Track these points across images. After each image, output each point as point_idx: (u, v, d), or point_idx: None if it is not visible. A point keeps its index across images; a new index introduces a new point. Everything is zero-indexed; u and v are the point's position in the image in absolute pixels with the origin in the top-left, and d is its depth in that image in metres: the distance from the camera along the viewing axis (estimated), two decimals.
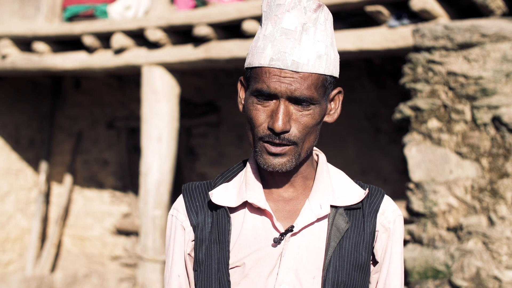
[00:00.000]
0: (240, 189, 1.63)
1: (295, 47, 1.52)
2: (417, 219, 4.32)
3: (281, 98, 1.52)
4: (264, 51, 1.54)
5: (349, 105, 6.91)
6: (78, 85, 8.71)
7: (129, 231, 8.15)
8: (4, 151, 8.38)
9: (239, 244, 1.60)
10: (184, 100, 7.35)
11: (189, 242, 1.65)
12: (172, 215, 1.69)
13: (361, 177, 6.74)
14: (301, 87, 1.52)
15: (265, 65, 1.53)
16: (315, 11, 1.56)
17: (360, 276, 1.61)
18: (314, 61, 1.53)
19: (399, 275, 1.67)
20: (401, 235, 1.68)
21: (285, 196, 1.63)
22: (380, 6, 5.05)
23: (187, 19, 6.01)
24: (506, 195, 4.04)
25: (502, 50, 4.14)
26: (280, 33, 1.54)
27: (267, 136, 1.54)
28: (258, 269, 1.58)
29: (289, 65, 1.51)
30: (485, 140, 4.13)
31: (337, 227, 1.60)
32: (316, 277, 1.59)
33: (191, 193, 1.67)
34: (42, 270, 8.41)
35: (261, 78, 1.53)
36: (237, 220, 1.62)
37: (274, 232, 1.60)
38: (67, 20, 6.98)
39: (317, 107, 1.55)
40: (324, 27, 1.57)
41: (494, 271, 4.00)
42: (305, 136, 1.55)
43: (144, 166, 6.43)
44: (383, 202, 1.67)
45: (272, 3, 1.58)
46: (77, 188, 8.73)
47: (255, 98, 1.55)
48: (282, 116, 1.52)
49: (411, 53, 4.47)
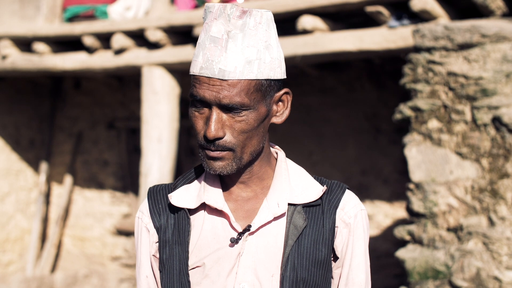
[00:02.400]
0: (199, 190, 1.66)
1: (221, 55, 1.54)
2: (417, 219, 4.32)
3: (213, 106, 1.55)
4: (197, 59, 1.57)
5: (349, 105, 6.91)
6: (78, 85, 8.71)
7: (129, 231, 8.15)
8: (4, 151, 8.38)
9: (199, 244, 1.62)
10: (184, 100, 7.35)
11: (153, 243, 1.69)
12: (138, 217, 1.73)
13: (361, 177, 6.74)
14: (230, 94, 1.53)
15: (196, 73, 1.56)
16: (240, 18, 1.55)
17: (321, 272, 1.62)
18: (243, 67, 1.54)
19: (363, 270, 1.68)
20: (364, 230, 1.68)
21: (244, 196, 1.66)
22: (380, 6, 5.05)
23: (187, 19, 6.01)
24: (506, 195, 4.04)
25: (502, 51, 4.14)
26: (210, 41, 1.56)
27: (204, 143, 1.58)
28: (218, 269, 1.61)
29: (216, 74, 1.53)
30: (485, 140, 4.13)
31: (295, 225, 1.62)
32: (275, 275, 1.61)
33: (155, 196, 1.70)
34: (42, 271, 8.41)
35: (195, 85, 1.57)
36: (197, 221, 1.65)
37: (232, 232, 1.62)
38: (67, 21, 6.98)
39: (251, 112, 1.56)
40: (254, 32, 1.56)
41: (494, 272, 4.00)
42: (243, 141, 1.57)
43: (144, 166, 6.43)
44: (343, 198, 1.67)
45: (206, 10, 1.60)
46: (77, 189, 8.73)
47: (193, 106, 1.59)
48: (213, 124, 1.54)
49: (411, 53, 4.47)
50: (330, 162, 6.90)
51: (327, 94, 7.06)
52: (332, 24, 5.56)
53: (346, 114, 6.94)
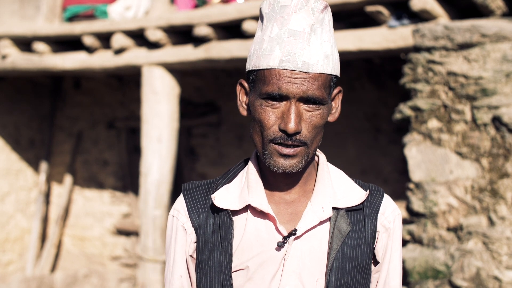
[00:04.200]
0: (242, 191, 1.63)
1: (304, 48, 1.52)
2: (417, 219, 4.32)
3: (292, 99, 1.52)
4: (272, 53, 1.53)
5: (349, 105, 6.91)
6: (78, 85, 8.71)
7: (129, 231, 8.15)
8: (4, 151, 8.38)
9: (242, 247, 1.59)
10: (184, 100, 7.35)
11: (191, 243, 1.65)
12: (173, 215, 1.68)
13: (361, 177, 6.74)
14: (312, 87, 1.52)
15: (275, 66, 1.52)
16: (322, 12, 1.56)
17: (362, 277, 1.62)
18: (323, 61, 1.53)
19: (398, 273, 1.69)
20: (400, 234, 1.69)
21: (287, 199, 1.63)
22: (380, 6, 5.05)
23: (187, 19, 6.01)
24: (506, 195, 4.04)
25: (502, 50, 4.14)
26: (288, 34, 1.53)
27: (278, 137, 1.53)
28: (262, 272, 1.58)
29: (299, 66, 1.51)
30: (485, 140, 4.13)
31: (339, 229, 1.60)
32: (319, 279, 1.59)
33: (192, 194, 1.66)
34: (42, 270, 8.41)
35: (271, 80, 1.52)
36: (240, 223, 1.61)
37: (277, 235, 1.59)
38: (67, 20, 6.98)
39: (325, 107, 1.56)
40: (329, 28, 1.58)
41: (494, 271, 4.00)
42: (314, 136, 1.56)
43: (144, 166, 6.43)
44: (383, 202, 1.67)
45: (275, 5, 1.57)
46: (77, 188, 8.73)
47: (263, 100, 1.54)
48: (294, 117, 1.51)
49: (411, 53, 4.47)
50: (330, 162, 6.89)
51: None
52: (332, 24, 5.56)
53: (346, 114, 6.94)
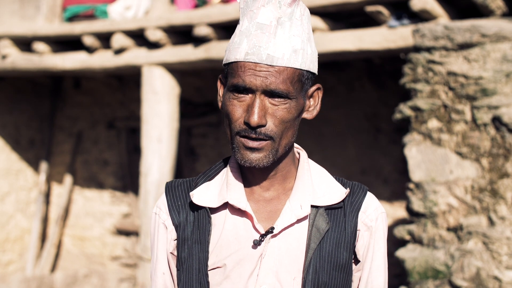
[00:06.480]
0: (221, 188, 1.63)
1: (270, 41, 1.52)
2: (417, 219, 4.32)
3: (257, 92, 1.53)
4: (240, 46, 1.54)
5: (349, 105, 6.91)
6: (78, 85, 8.71)
7: (129, 231, 8.15)
8: (4, 151, 8.38)
9: (220, 244, 1.60)
10: (184, 100, 7.35)
11: (171, 241, 1.66)
12: (155, 213, 1.69)
13: (361, 177, 6.74)
14: (277, 81, 1.52)
15: (241, 59, 1.53)
16: (290, 6, 1.56)
17: (342, 276, 1.61)
18: (290, 55, 1.53)
19: (382, 273, 1.67)
20: (384, 233, 1.67)
21: (266, 196, 1.63)
22: (380, 6, 5.05)
23: (187, 19, 6.01)
24: (506, 195, 4.04)
25: (502, 50, 4.15)
26: (256, 28, 1.54)
27: (243, 130, 1.54)
28: (239, 270, 1.58)
29: (264, 59, 1.52)
30: (485, 140, 4.13)
31: (317, 228, 1.59)
32: (296, 278, 1.59)
33: (174, 192, 1.68)
34: (42, 270, 8.41)
35: (237, 72, 1.54)
36: (219, 221, 1.62)
37: (254, 233, 1.60)
38: (67, 20, 6.98)
39: (293, 101, 1.55)
40: (300, 22, 1.57)
41: (494, 271, 4.00)
42: (282, 131, 1.55)
43: (144, 166, 6.44)
44: (365, 200, 1.66)
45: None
46: (77, 188, 8.73)
47: (231, 93, 1.56)
48: (257, 110, 1.52)
49: (411, 53, 4.47)
50: (330, 162, 6.90)
51: (327, 94, 7.04)
52: (332, 24, 5.56)
53: (346, 114, 6.94)
